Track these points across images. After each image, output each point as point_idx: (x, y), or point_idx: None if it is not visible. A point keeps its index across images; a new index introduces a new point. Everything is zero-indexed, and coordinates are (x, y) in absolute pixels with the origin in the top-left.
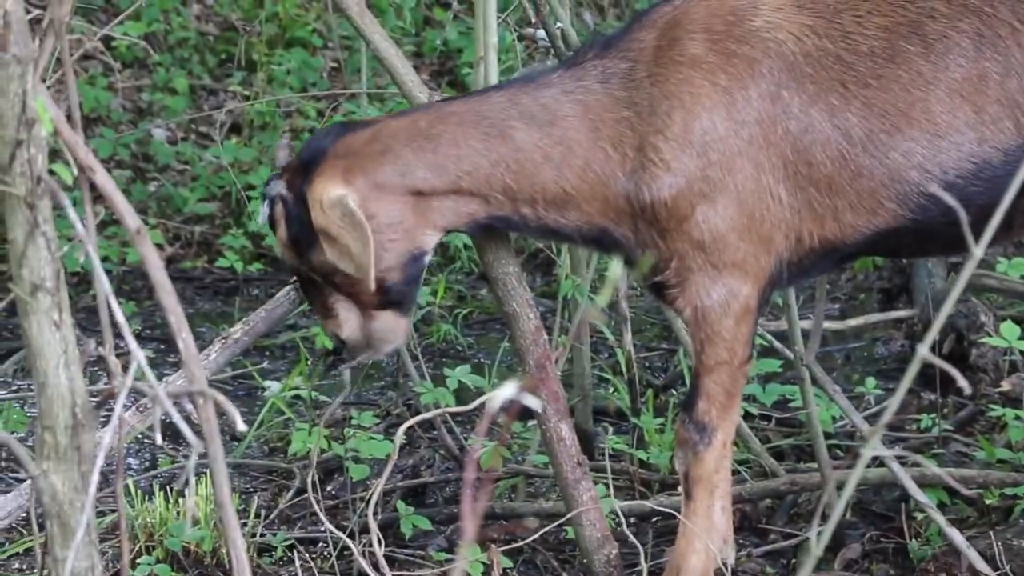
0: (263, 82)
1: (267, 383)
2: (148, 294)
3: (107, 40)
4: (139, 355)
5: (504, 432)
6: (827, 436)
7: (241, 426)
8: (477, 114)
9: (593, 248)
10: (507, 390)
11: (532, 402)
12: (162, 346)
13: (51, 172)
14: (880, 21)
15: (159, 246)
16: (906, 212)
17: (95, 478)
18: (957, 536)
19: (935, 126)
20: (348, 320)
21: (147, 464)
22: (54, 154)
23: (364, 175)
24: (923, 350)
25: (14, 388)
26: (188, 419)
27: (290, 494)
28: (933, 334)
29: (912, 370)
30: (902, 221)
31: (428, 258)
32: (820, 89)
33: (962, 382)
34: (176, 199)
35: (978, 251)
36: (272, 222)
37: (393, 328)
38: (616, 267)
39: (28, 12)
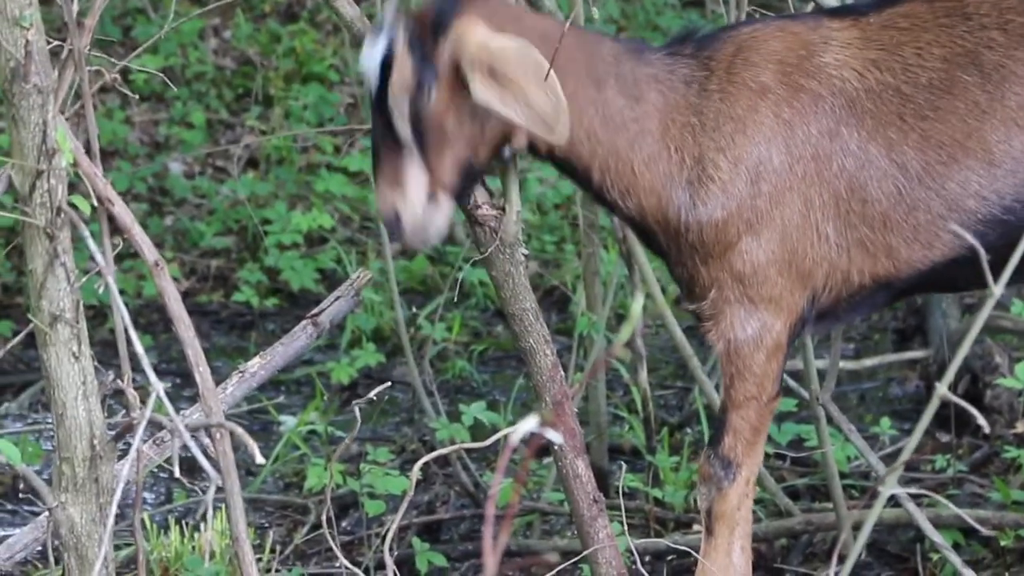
0: (280, 117)
1: (282, 418)
2: (164, 327)
3: (124, 73)
4: (159, 387)
5: (523, 468)
6: (842, 476)
7: (259, 459)
8: (587, 51)
9: (640, 239)
10: (528, 424)
11: (553, 436)
12: (178, 379)
13: (70, 204)
14: (939, 52)
15: (175, 280)
16: (963, 241)
17: (113, 510)
18: None
19: (991, 155)
20: (413, 195)
21: (162, 498)
22: (71, 187)
23: (501, 30)
24: (942, 389)
25: (30, 421)
26: (205, 453)
27: (305, 529)
28: (951, 375)
29: (930, 410)
30: (960, 251)
31: (508, 153)
32: (878, 124)
33: (981, 420)
34: (193, 233)
35: (997, 290)
36: (386, 63)
37: (444, 221)
38: (637, 305)
39: (48, 42)
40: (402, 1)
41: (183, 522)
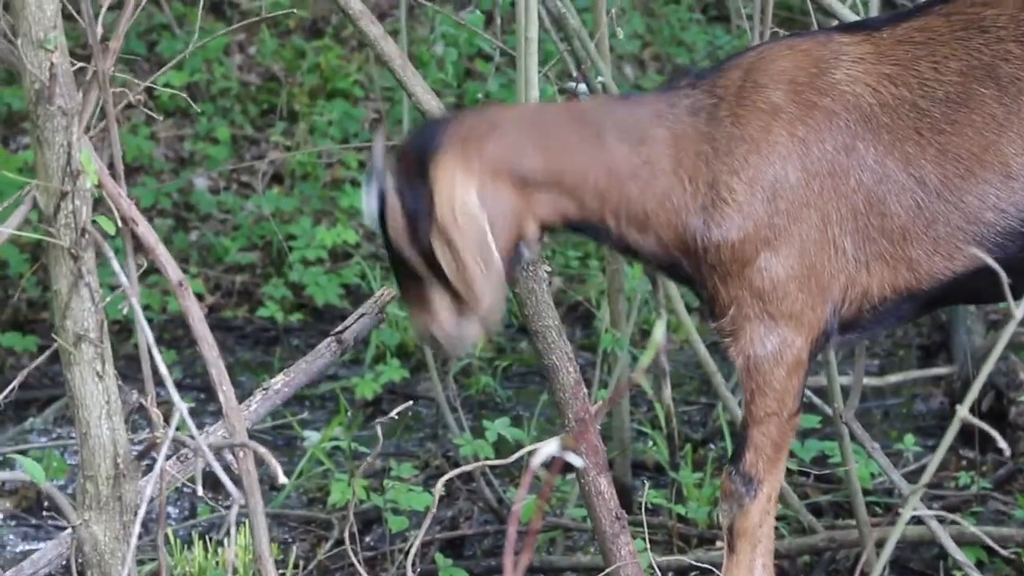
0: (305, 132)
1: (306, 433)
2: (189, 343)
3: (149, 89)
4: (182, 408)
5: (545, 488)
6: (866, 493)
7: (282, 479)
8: (577, 114)
9: (668, 274)
10: (550, 447)
11: (575, 460)
12: (202, 395)
13: (94, 223)
14: (956, 65)
15: (200, 295)
16: (985, 253)
17: (137, 529)
18: None
19: (1008, 168)
20: (444, 317)
21: (186, 513)
22: (96, 203)
23: (480, 158)
24: (963, 411)
25: (54, 436)
26: (228, 470)
27: (328, 545)
28: (973, 395)
29: (951, 432)
30: (981, 263)
31: (527, 253)
32: (895, 138)
33: (1002, 443)
34: (217, 248)
35: (1019, 313)
36: (383, 214)
37: (477, 331)
38: (660, 327)
39: (72, 64)
40: (388, 146)
41: (207, 537)
